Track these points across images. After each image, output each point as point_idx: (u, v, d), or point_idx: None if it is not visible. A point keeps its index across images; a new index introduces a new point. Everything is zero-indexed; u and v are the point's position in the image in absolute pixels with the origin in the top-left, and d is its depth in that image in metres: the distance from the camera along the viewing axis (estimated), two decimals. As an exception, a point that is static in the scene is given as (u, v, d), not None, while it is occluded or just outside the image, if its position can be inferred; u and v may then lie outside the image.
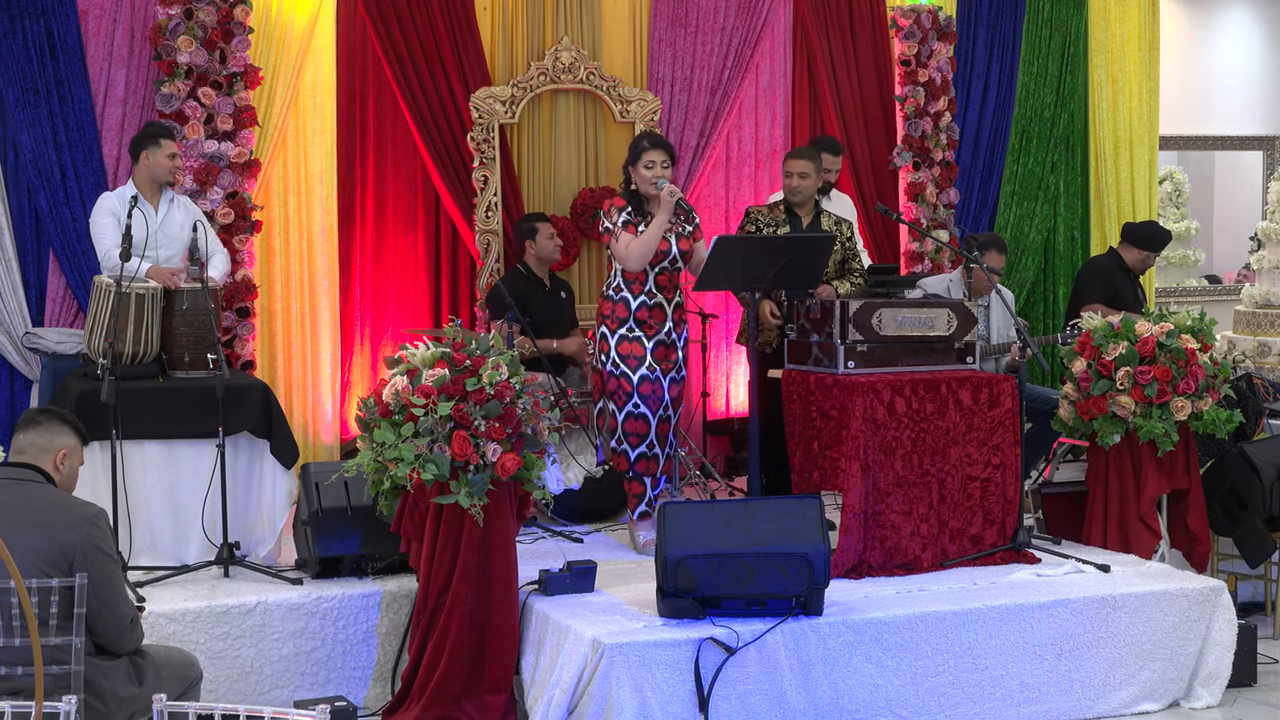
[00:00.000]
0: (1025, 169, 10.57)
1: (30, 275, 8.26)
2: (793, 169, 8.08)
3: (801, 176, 8.06)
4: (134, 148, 7.57)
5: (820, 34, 10.03)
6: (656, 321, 7.43)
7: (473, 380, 6.12)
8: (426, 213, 9.31)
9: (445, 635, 6.15)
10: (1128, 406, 7.51)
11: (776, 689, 6.05)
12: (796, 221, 8.05)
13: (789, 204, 8.10)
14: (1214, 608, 6.87)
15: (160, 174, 7.50)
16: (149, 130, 7.60)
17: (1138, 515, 7.63)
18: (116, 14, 8.36)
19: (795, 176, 8.06)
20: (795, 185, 8.06)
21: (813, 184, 8.11)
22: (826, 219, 8.12)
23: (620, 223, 7.38)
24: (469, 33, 9.20)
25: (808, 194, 8.09)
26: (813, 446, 7.22)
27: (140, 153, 7.50)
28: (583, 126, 9.60)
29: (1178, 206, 12.48)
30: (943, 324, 7.30)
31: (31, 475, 5.05)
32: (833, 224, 8.09)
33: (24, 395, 8.28)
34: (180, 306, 7.21)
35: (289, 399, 8.73)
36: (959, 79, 10.43)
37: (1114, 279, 9.44)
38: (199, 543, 7.05)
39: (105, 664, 4.98)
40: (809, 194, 8.10)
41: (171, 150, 7.51)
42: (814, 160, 8.15)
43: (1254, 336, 10.03)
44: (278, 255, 8.86)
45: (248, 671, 6.44)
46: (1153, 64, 11.04)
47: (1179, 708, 6.79)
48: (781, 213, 8.07)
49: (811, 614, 6.16)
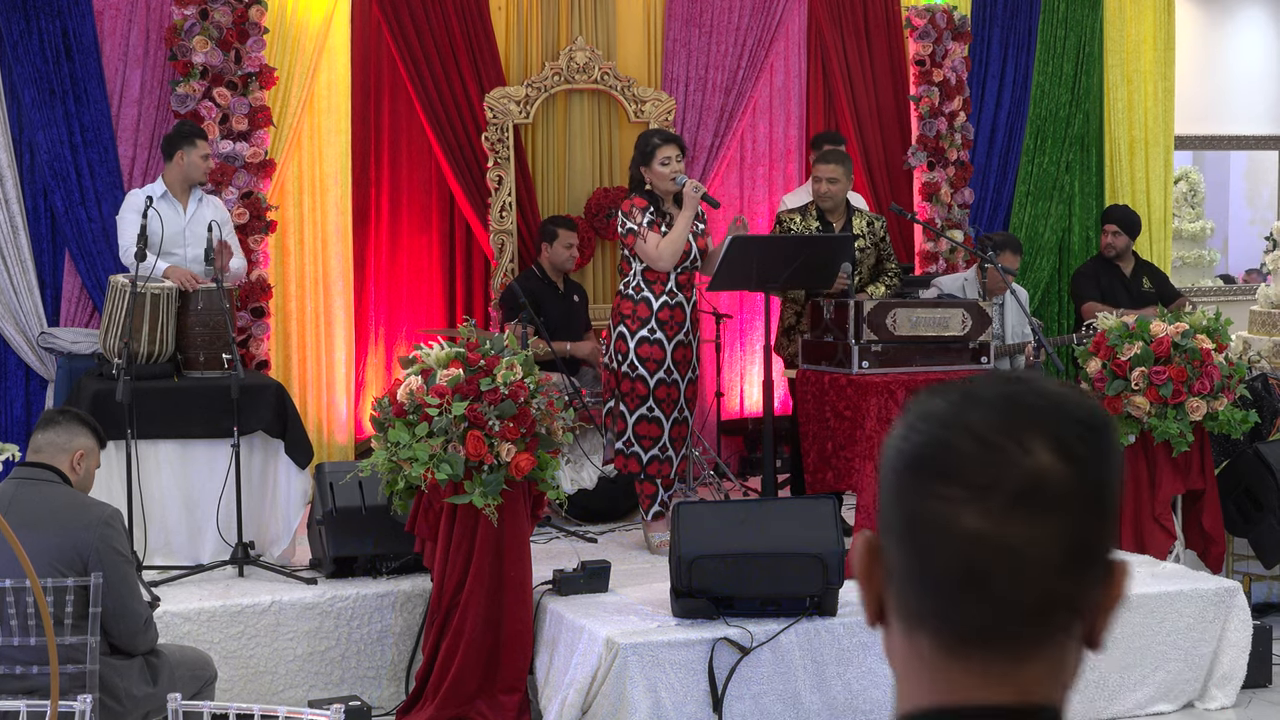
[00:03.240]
0: (1040, 169, 10.55)
1: (46, 275, 8.28)
2: (822, 174, 7.99)
3: (831, 181, 7.96)
4: (168, 146, 7.57)
5: (835, 34, 10.02)
6: (677, 322, 7.39)
7: (487, 380, 6.13)
8: (441, 213, 9.32)
9: (459, 635, 6.16)
10: (1142, 407, 7.49)
11: (790, 689, 6.05)
12: (829, 229, 7.97)
13: (820, 210, 8.02)
14: (1229, 608, 6.85)
15: (195, 174, 7.53)
16: (183, 130, 7.61)
17: (1152, 516, 7.62)
18: (132, 14, 8.38)
19: (824, 182, 7.97)
20: (825, 191, 7.97)
21: (843, 188, 7.99)
22: (859, 219, 8.05)
23: (645, 223, 7.31)
24: (483, 33, 9.21)
25: (839, 199, 8.00)
26: (827, 446, 7.21)
27: (175, 152, 7.51)
28: (597, 126, 9.60)
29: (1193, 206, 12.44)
30: (957, 324, 7.29)
31: (48, 475, 5.06)
32: (865, 225, 8.03)
33: (39, 395, 8.30)
34: (195, 306, 7.22)
35: (304, 399, 8.75)
36: (974, 79, 10.42)
37: (1098, 278, 9.47)
38: (214, 542, 7.06)
39: (120, 663, 5.00)
40: (840, 199, 8.01)
41: (206, 151, 7.57)
42: (844, 164, 8.03)
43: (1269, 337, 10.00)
44: (292, 255, 8.87)
45: (262, 671, 6.45)
46: (1168, 64, 11.01)
47: (1194, 709, 6.78)
48: (814, 218, 8.00)
49: (825, 614, 6.16)
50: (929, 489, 1.36)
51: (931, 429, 1.38)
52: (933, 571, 1.36)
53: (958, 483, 1.35)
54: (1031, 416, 1.36)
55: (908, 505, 1.38)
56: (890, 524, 1.40)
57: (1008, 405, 1.37)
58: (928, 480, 1.36)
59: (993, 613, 1.35)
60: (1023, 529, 1.34)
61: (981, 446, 1.35)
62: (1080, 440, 1.36)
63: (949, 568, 1.35)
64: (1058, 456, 1.34)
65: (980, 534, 1.34)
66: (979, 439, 1.35)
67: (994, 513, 1.34)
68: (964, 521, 1.34)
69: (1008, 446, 1.34)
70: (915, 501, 1.37)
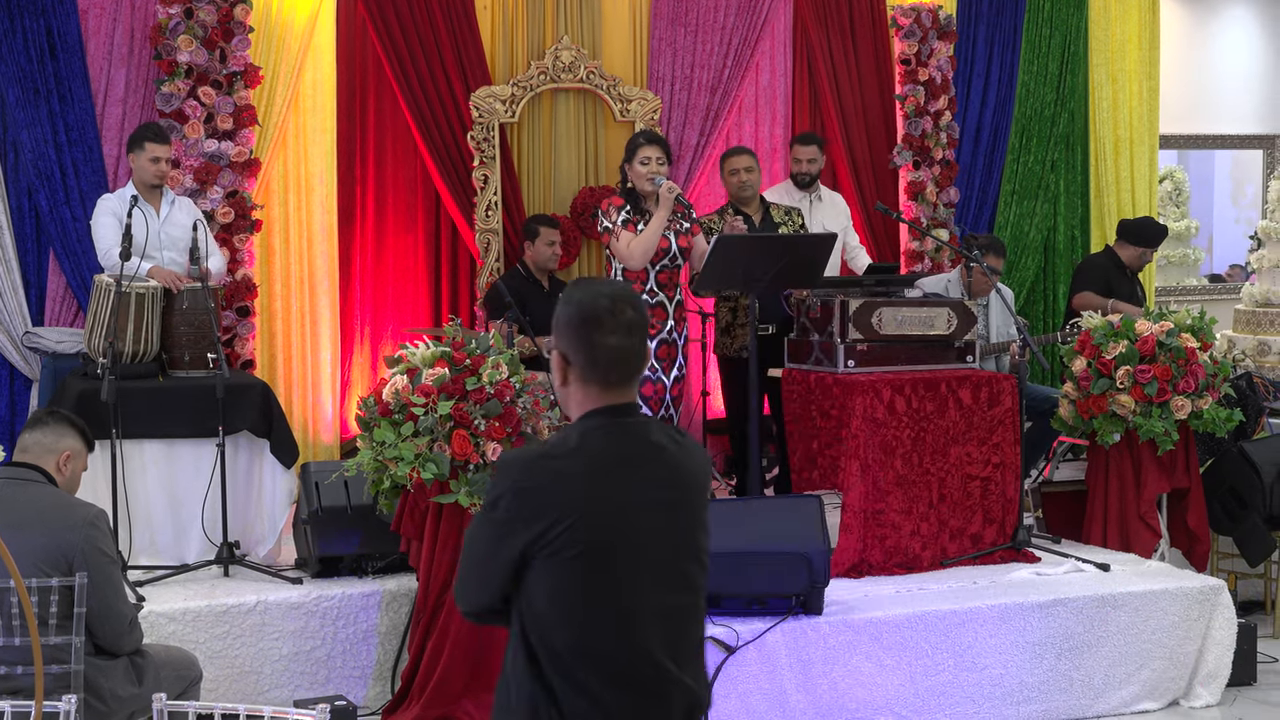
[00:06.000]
0: (1025, 168, 10.56)
1: (30, 275, 8.26)
2: (738, 165, 8.29)
3: (748, 171, 8.26)
4: (127, 151, 7.62)
5: (820, 33, 10.03)
6: (658, 320, 7.44)
7: (473, 379, 6.13)
8: (426, 212, 9.31)
9: (445, 634, 6.15)
10: (1128, 405, 7.51)
11: (776, 688, 6.06)
12: (749, 221, 8.11)
13: (736, 204, 8.21)
14: (1214, 606, 6.87)
15: (145, 176, 7.52)
16: (134, 134, 7.64)
17: (1138, 514, 7.64)
18: (117, 13, 8.36)
19: (742, 173, 8.25)
20: (744, 181, 8.26)
21: (757, 178, 8.36)
22: (777, 211, 8.22)
23: (620, 221, 7.38)
24: (469, 32, 9.20)
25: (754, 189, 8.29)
26: (812, 445, 7.22)
27: (129, 156, 7.56)
28: (583, 125, 9.59)
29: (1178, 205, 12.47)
30: (943, 323, 7.30)
31: (34, 475, 5.06)
32: (783, 215, 8.18)
33: (24, 395, 8.28)
34: (180, 306, 7.21)
35: (289, 398, 8.73)
36: (959, 78, 10.43)
37: (1107, 276, 9.44)
38: (199, 542, 7.06)
39: (104, 663, 4.99)
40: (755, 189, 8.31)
41: (155, 154, 7.50)
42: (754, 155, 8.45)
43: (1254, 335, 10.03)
44: (278, 254, 8.86)
45: (247, 671, 6.44)
46: (1153, 63, 11.03)
47: (1179, 707, 6.80)
48: (733, 215, 8.08)
49: (811, 613, 6.17)
50: (591, 327, 3.19)
51: (585, 299, 3.21)
52: (600, 362, 3.19)
53: (605, 325, 3.18)
54: (623, 294, 3.25)
55: (583, 336, 3.19)
56: (573, 346, 3.20)
57: (613, 289, 3.25)
58: (591, 323, 3.19)
59: (627, 373, 3.22)
60: (633, 341, 3.21)
61: (609, 305, 3.19)
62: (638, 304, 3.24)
63: (608, 359, 3.19)
64: (637, 313, 3.21)
65: (619, 344, 3.19)
66: (608, 302, 3.19)
67: (620, 335, 3.19)
68: (610, 340, 3.19)
69: (618, 306, 3.19)
70: (586, 333, 3.19)
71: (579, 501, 3.09)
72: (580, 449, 3.16)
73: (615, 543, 3.13)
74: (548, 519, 3.09)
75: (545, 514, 3.09)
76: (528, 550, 3.10)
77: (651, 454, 3.21)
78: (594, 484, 3.12)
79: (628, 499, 3.15)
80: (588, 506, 3.10)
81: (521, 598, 3.14)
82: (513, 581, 3.14)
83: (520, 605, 3.14)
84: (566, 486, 3.11)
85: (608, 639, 3.12)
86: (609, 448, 3.17)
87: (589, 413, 3.21)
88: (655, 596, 3.18)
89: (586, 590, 3.11)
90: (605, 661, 3.11)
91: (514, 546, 3.10)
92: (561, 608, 3.10)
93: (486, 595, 3.19)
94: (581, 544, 3.09)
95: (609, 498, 3.13)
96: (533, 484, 3.12)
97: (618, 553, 3.13)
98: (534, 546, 3.09)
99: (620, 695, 3.12)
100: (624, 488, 3.15)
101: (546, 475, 3.12)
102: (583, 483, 3.12)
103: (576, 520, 3.09)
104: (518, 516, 3.10)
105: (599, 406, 3.20)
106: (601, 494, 3.12)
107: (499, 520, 3.13)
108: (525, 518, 3.10)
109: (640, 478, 3.18)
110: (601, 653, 3.11)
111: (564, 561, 3.09)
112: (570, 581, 3.10)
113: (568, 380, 3.22)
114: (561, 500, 3.09)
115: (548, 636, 3.10)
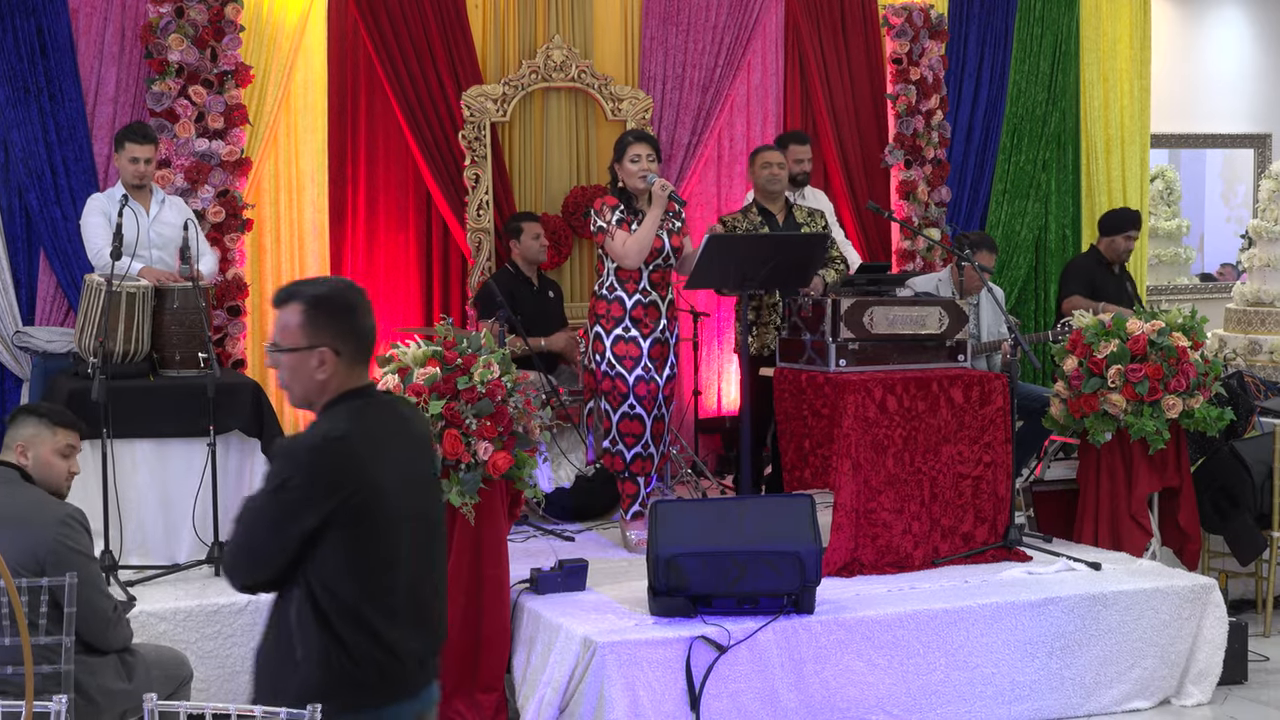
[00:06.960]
0: (1017, 167, 10.57)
1: (21, 274, 8.25)
2: (771, 159, 8.13)
3: (780, 166, 8.14)
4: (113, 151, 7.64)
5: (812, 32, 10.03)
6: (652, 319, 7.42)
7: (464, 379, 6.12)
8: (418, 211, 9.30)
9: (436, 634, 6.14)
10: (1119, 404, 7.51)
11: (768, 687, 6.05)
12: (772, 219, 8.06)
13: (761, 203, 8.12)
14: (1205, 605, 6.87)
15: (125, 176, 7.51)
16: (117, 134, 7.62)
17: (1129, 513, 7.64)
18: (107, 12, 8.35)
19: (774, 166, 8.11)
20: (776, 175, 8.12)
21: (788, 174, 8.27)
22: (800, 213, 8.14)
23: (614, 221, 7.36)
24: (460, 31, 9.20)
25: (783, 185, 8.17)
26: (804, 444, 7.22)
27: (115, 156, 7.56)
28: (574, 125, 9.60)
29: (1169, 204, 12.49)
30: (934, 322, 7.30)
31: (10, 474, 5.08)
32: (806, 216, 8.12)
33: (14, 394, 8.27)
34: (171, 305, 7.20)
35: (280, 397, 8.71)
36: (950, 77, 10.43)
37: (1092, 276, 9.45)
38: (190, 541, 7.05)
39: (93, 661, 4.98)
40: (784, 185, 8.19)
41: (134, 154, 7.47)
42: (784, 150, 8.39)
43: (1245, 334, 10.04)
44: (269, 253, 8.85)
45: (239, 670, 6.42)
46: (1144, 62, 11.04)
47: (1170, 705, 6.80)
48: (756, 214, 8.06)
49: (803, 612, 6.16)
50: (352, 313, 3.62)
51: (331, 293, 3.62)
52: (366, 342, 3.63)
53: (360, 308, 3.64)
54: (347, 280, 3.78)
55: (348, 323, 3.60)
56: (340, 335, 3.58)
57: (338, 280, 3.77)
58: (351, 310, 3.62)
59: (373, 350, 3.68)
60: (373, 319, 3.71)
61: (352, 291, 3.67)
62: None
63: (370, 339, 3.65)
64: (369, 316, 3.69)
65: (372, 325, 3.67)
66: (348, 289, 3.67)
67: (371, 316, 3.67)
68: (368, 322, 3.64)
69: (355, 291, 3.68)
70: (350, 321, 3.61)
71: (364, 474, 3.50)
72: (356, 429, 3.54)
73: (398, 506, 3.56)
74: (342, 494, 3.46)
75: (338, 490, 3.46)
76: (323, 524, 3.46)
77: (403, 425, 3.71)
78: (374, 457, 3.54)
79: (399, 468, 3.61)
80: (372, 478, 3.51)
81: (311, 565, 3.49)
82: (298, 553, 3.48)
83: (308, 572, 3.49)
84: (352, 463, 3.49)
85: (397, 590, 3.56)
86: (376, 424, 3.62)
87: (348, 393, 3.62)
88: (429, 548, 3.68)
89: (379, 551, 3.52)
90: (391, 608, 3.54)
91: (307, 522, 3.46)
92: (355, 568, 3.50)
93: (271, 569, 3.53)
94: (372, 512, 3.50)
95: (386, 468, 3.56)
96: (323, 464, 3.48)
97: (400, 515, 3.57)
98: (330, 519, 3.46)
99: (405, 633, 3.57)
100: (395, 458, 3.61)
101: (334, 455, 3.49)
102: (365, 458, 3.51)
103: (366, 491, 3.49)
104: (311, 494, 3.46)
105: (358, 386, 3.64)
106: (380, 465, 3.54)
107: (290, 501, 3.46)
108: (319, 495, 3.46)
109: (402, 446, 3.67)
110: (389, 601, 3.54)
111: (356, 528, 3.49)
112: (363, 545, 3.50)
113: (335, 371, 3.59)
114: (351, 476, 3.48)
115: (339, 594, 3.48)
